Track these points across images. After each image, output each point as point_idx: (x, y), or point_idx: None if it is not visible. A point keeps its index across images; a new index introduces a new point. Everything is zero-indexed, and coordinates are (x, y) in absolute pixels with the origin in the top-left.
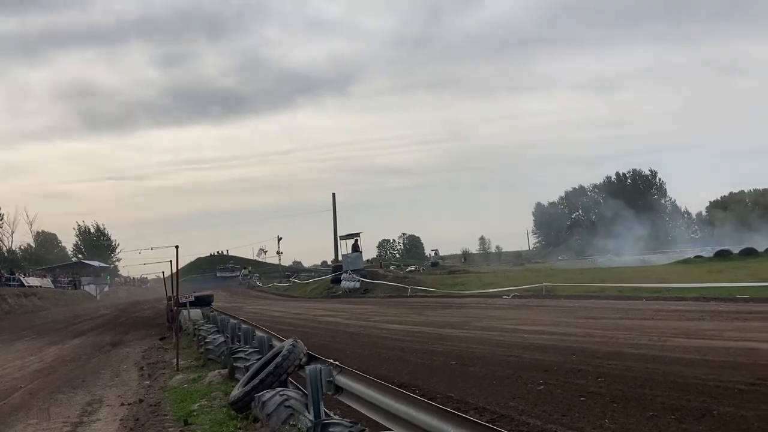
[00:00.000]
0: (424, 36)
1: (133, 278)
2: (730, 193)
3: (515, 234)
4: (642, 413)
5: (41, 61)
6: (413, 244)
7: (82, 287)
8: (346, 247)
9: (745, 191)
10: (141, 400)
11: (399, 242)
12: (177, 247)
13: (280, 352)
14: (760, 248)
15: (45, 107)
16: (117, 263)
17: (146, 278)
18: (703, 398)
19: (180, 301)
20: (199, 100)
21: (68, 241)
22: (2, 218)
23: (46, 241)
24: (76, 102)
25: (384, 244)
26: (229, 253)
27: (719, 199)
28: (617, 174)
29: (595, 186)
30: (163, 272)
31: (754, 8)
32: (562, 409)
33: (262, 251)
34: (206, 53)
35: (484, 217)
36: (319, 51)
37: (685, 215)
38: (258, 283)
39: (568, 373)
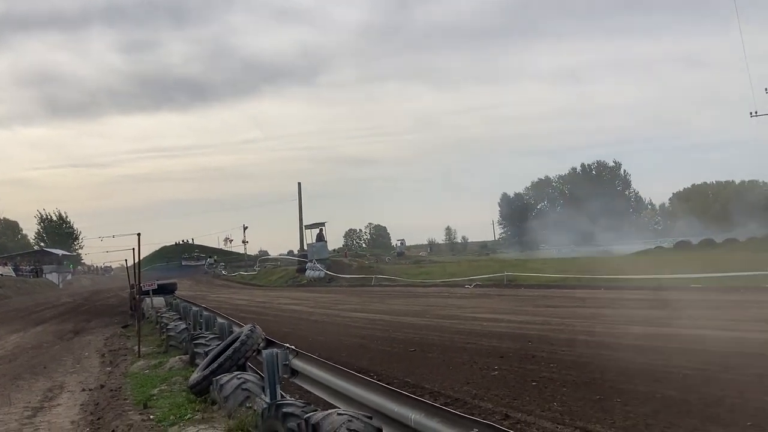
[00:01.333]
0: (393, 26)
1: (97, 267)
2: (693, 185)
3: (481, 224)
4: (590, 397)
5: (2, 46)
6: (379, 234)
7: (44, 276)
8: (311, 236)
9: (708, 183)
10: (102, 386)
11: (365, 232)
12: (139, 235)
13: (239, 337)
14: (719, 239)
15: (6, 93)
16: (80, 252)
17: (110, 267)
18: (650, 382)
19: (143, 289)
20: (165, 87)
21: (30, 229)
22: None
23: (7, 228)
24: (39, 88)
25: (350, 234)
26: (195, 242)
27: (682, 191)
28: (582, 165)
29: (560, 177)
30: (126, 260)
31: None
32: (514, 393)
33: (228, 240)
34: (172, 40)
35: (450, 207)
36: (286, 40)
37: (649, 206)
38: (223, 271)
39: (523, 359)
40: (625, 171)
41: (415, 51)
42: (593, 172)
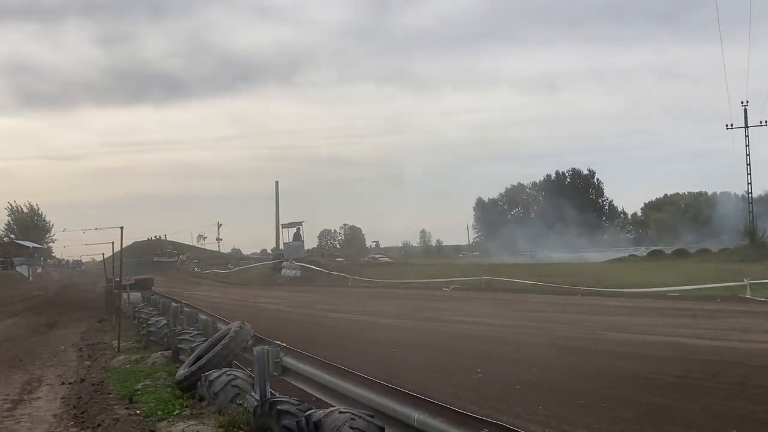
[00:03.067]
0: (371, 28)
1: (67, 260)
2: (665, 195)
3: (455, 228)
4: (574, 401)
5: None
6: (354, 235)
7: (14, 268)
8: (287, 235)
9: (680, 194)
10: (83, 380)
11: (340, 233)
12: (122, 228)
13: (228, 333)
14: (691, 249)
15: None
16: (51, 245)
17: (81, 261)
18: (633, 388)
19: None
20: (141, 81)
21: (0, 220)
22: None
23: None
24: (11, 78)
25: (325, 235)
26: (168, 239)
27: (654, 200)
28: (557, 173)
29: (534, 183)
30: (103, 254)
31: (689, 15)
32: (498, 396)
33: (202, 237)
34: (148, 34)
35: (425, 210)
36: (265, 38)
37: (621, 215)
38: (196, 269)
39: (505, 362)
40: (598, 179)
41: (394, 53)
42: (567, 179)
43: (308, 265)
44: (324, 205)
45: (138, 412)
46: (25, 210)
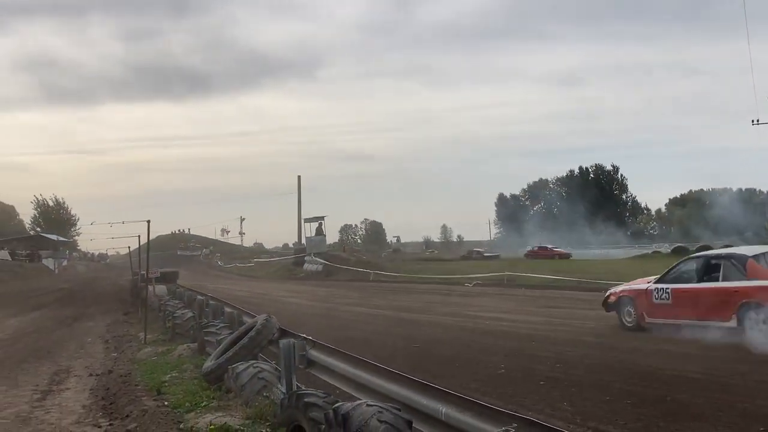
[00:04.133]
0: (392, 23)
1: (93, 253)
2: (690, 192)
3: (477, 224)
4: (599, 398)
5: (2, 31)
6: (375, 230)
7: (41, 261)
8: (310, 230)
9: (704, 190)
10: (110, 371)
11: (361, 228)
12: (149, 222)
13: (254, 326)
14: (715, 246)
15: (4, 77)
16: (76, 238)
17: (106, 254)
18: (659, 385)
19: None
20: (163, 77)
21: (26, 214)
22: None
23: (3, 213)
24: (37, 73)
25: (346, 230)
26: (191, 233)
27: (678, 196)
28: (580, 168)
29: (557, 179)
30: (129, 247)
31: (712, 10)
32: (522, 392)
33: (225, 231)
34: (171, 30)
35: (445, 206)
36: (286, 33)
37: (645, 211)
38: (219, 262)
39: (529, 358)
40: (622, 175)
41: (415, 48)
42: (591, 175)
43: (327, 262)
44: (345, 200)
45: (166, 403)
46: (51, 204)
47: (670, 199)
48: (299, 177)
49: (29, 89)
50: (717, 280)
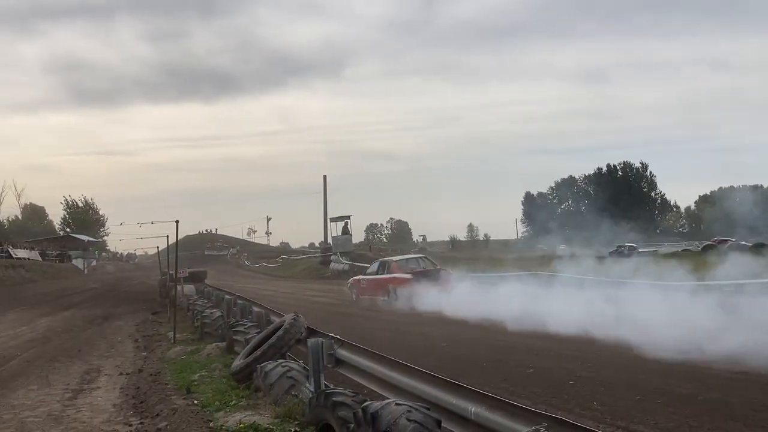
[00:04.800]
0: (417, 21)
1: (121, 254)
2: (720, 189)
3: (503, 223)
4: (630, 397)
5: (32, 34)
6: (401, 229)
7: (70, 261)
8: (336, 229)
9: (734, 187)
10: (140, 370)
11: (386, 227)
12: (177, 222)
13: (282, 325)
14: (748, 243)
15: (35, 80)
16: (105, 238)
17: (134, 254)
18: (691, 384)
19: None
20: (191, 78)
21: (56, 214)
22: None
23: (33, 213)
24: (66, 75)
25: (371, 229)
26: (218, 232)
27: (708, 194)
28: (608, 166)
29: (585, 177)
30: (157, 247)
31: (741, 4)
32: (552, 391)
33: (251, 231)
34: (198, 31)
35: (472, 204)
36: (312, 33)
37: (674, 209)
38: (246, 262)
39: (557, 357)
40: (651, 172)
41: (439, 47)
42: (619, 172)
43: (353, 261)
44: (371, 199)
45: (195, 402)
46: (80, 204)
47: (699, 197)
48: (325, 176)
49: (59, 91)
50: (383, 273)
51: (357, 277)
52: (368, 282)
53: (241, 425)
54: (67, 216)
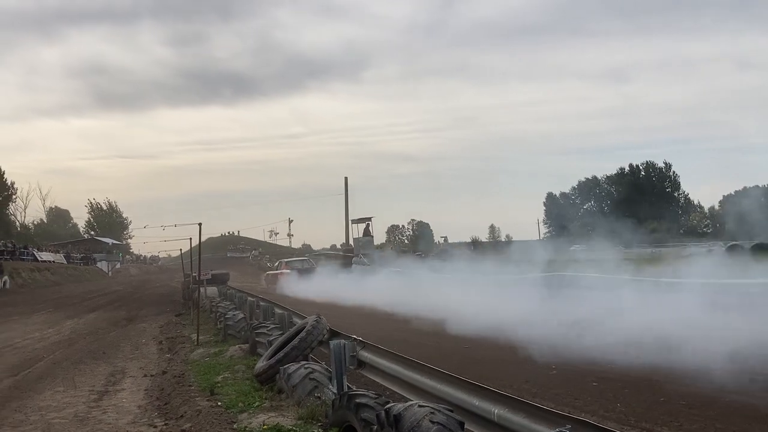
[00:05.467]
0: (436, 23)
1: (144, 256)
2: (744, 188)
3: (525, 224)
4: (653, 399)
5: (55, 39)
6: (422, 230)
7: (95, 264)
8: (357, 231)
9: (759, 186)
10: (164, 372)
11: (408, 228)
12: (200, 224)
13: (304, 327)
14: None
15: (58, 84)
16: (129, 241)
17: (157, 256)
18: (714, 386)
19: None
20: (211, 81)
21: (80, 217)
22: (15, 193)
23: (58, 217)
24: (89, 80)
25: (393, 230)
26: (240, 234)
27: (732, 193)
28: (630, 166)
29: (607, 177)
30: (180, 250)
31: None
32: (575, 393)
33: (273, 233)
34: (218, 35)
35: (494, 205)
36: (331, 35)
37: (698, 209)
38: (268, 263)
39: (580, 359)
40: (674, 172)
41: (460, 47)
42: (642, 172)
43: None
44: (392, 200)
45: (219, 403)
46: (104, 207)
47: (724, 196)
48: (346, 178)
49: (82, 95)
50: (278, 270)
51: (267, 272)
52: (271, 276)
53: (265, 427)
54: (91, 219)
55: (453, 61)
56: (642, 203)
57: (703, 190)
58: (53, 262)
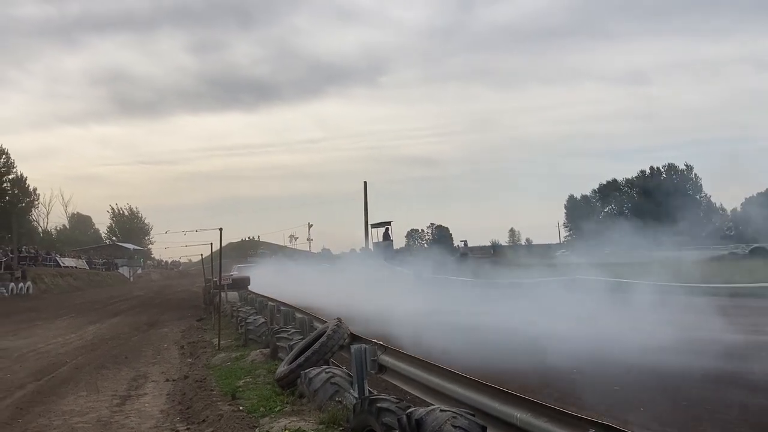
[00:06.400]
0: (455, 26)
1: (166, 261)
2: (767, 190)
3: (545, 227)
4: (675, 403)
5: (77, 47)
6: (441, 234)
7: (117, 269)
8: (376, 235)
9: None
10: (186, 377)
11: (427, 232)
12: (221, 230)
13: (325, 331)
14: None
15: (80, 92)
16: (150, 246)
17: (179, 262)
18: (738, 390)
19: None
20: (231, 87)
21: (102, 223)
22: (38, 199)
23: (80, 222)
24: (111, 87)
25: (412, 234)
26: (260, 239)
27: (755, 195)
28: (651, 168)
29: (628, 180)
30: (201, 255)
31: None
32: (597, 397)
33: (293, 238)
34: (238, 41)
35: (513, 209)
36: (349, 41)
37: (720, 211)
38: None
39: (602, 363)
40: (696, 174)
41: (478, 51)
42: (663, 175)
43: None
44: (411, 204)
45: (241, 408)
46: (126, 213)
47: (746, 198)
48: (365, 183)
49: (104, 102)
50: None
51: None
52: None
53: (286, 431)
54: (113, 224)
55: (471, 64)
56: (663, 206)
57: (725, 192)
58: (75, 267)
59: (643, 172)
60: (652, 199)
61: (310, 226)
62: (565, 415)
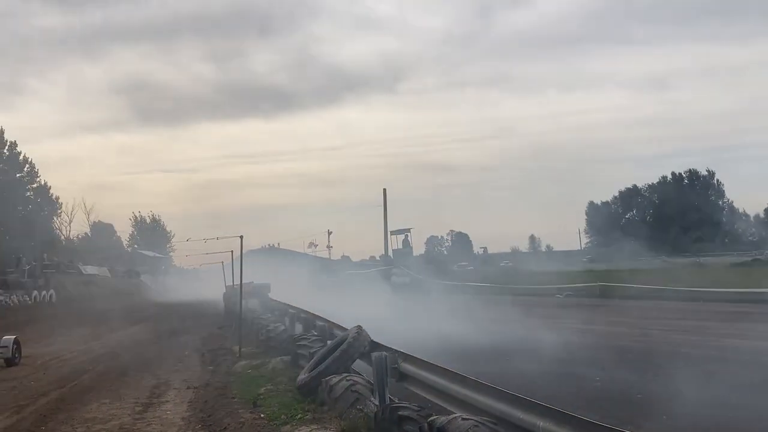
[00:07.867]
0: (473, 33)
1: (186, 269)
2: None
3: (566, 233)
4: (698, 411)
5: (98, 56)
6: (461, 241)
7: (138, 277)
8: (396, 242)
9: None
10: (207, 384)
11: (447, 239)
12: (241, 237)
13: (345, 339)
14: None
15: (102, 100)
16: (171, 254)
17: (199, 269)
18: (763, 396)
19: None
20: (251, 95)
21: (124, 231)
22: (60, 207)
23: (102, 230)
24: (131, 96)
25: (432, 241)
26: (280, 246)
27: None
28: (673, 174)
29: (649, 186)
30: (222, 262)
31: None
32: (620, 405)
33: (313, 245)
34: (257, 49)
35: (533, 215)
36: (368, 48)
37: (743, 217)
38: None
39: (625, 371)
40: (718, 180)
41: (497, 57)
42: (685, 181)
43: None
44: (431, 211)
45: (262, 416)
46: (148, 220)
47: None
48: (384, 190)
49: (125, 111)
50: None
51: None
52: None
53: None
54: (135, 232)
55: (491, 71)
56: (685, 212)
57: (747, 198)
58: (98, 275)
59: (664, 177)
60: (674, 205)
61: (329, 233)
62: (587, 424)
